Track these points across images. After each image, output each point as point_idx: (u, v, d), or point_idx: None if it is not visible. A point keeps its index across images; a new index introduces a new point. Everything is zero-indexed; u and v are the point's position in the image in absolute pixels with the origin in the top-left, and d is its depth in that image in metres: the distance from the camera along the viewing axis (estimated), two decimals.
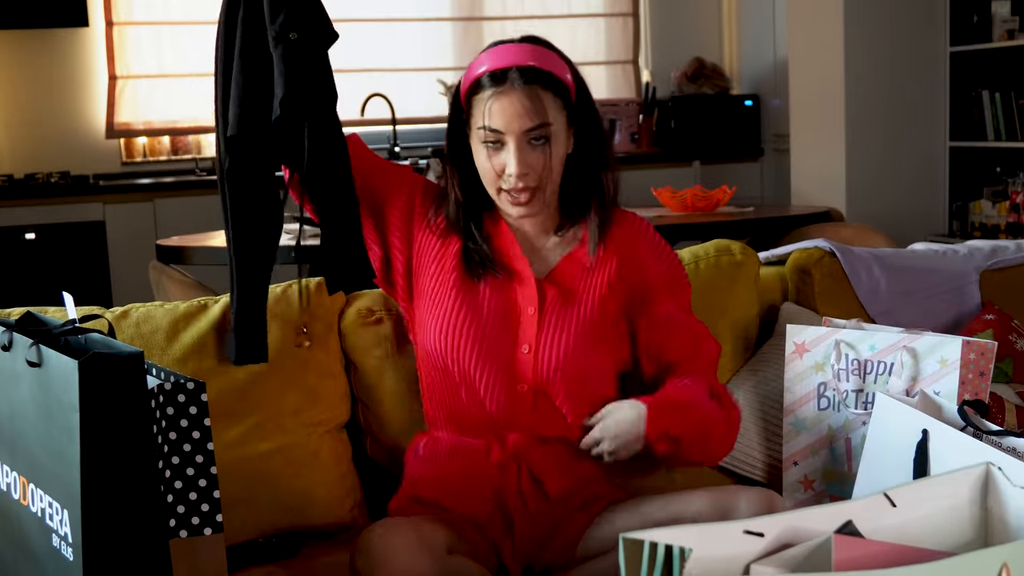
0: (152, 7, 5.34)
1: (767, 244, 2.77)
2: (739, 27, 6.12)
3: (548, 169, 1.64)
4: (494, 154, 1.64)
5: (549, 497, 1.64)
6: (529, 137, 1.62)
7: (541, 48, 1.67)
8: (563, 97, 1.65)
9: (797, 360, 1.88)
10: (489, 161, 1.64)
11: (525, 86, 1.61)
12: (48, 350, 1.27)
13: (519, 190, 1.64)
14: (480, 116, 1.63)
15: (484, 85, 1.63)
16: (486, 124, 1.62)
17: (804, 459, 1.86)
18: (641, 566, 0.87)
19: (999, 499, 1.03)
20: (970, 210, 5.10)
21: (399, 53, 5.64)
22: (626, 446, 1.59)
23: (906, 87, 5.02)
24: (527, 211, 1.66)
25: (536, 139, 1.62)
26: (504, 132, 1.62)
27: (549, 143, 1.63)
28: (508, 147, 1.62)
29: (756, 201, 5.34)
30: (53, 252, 4.87)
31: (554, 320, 1.66)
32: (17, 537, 1.36)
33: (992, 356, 1.75)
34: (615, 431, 1.59)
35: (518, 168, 1.62)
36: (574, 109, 1.67)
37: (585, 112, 1.69)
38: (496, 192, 1.67)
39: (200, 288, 2.96)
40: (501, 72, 1.62)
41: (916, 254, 2.25)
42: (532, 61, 1.63)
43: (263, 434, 1.75)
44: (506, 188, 1.65)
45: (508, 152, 1.62)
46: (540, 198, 1.66)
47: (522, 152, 1.62)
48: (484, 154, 1.65)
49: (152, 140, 5.47)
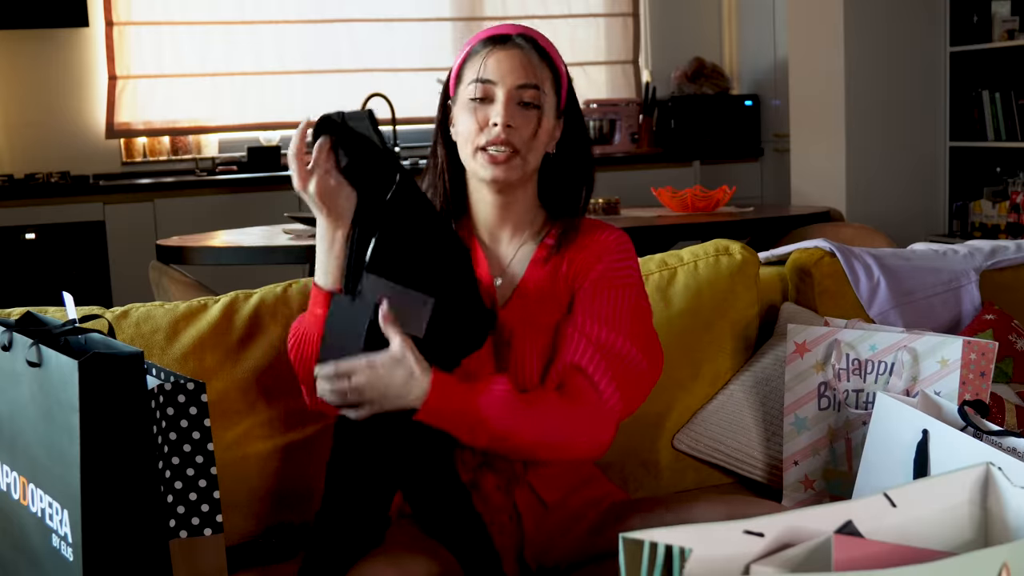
0: (152, 7, 5.35)
1: (767, 244, 2.77)
2: (739, 27, 6.12)
3: (532, 136, 1.57)
4: (480, 108, 1.57)
5: (547, 505, 1.63)
6: (521, 96, 1.57)
7: (540, 34, 1.66)
8: (556, 83, 1.62)
9: (797, 360, 1.88)
10: (473, 115, 1.57)
11: (527, 44, 1.59)
12: (48, 350, 1.27)
13: (500, 142, 1.55)
14: (473, 72, 1.58)
15: (480, 48, 1.60)
16: (479, 75, 1.57)
17: (804, 459, 1.86)
18: (641, 566, 0.87)
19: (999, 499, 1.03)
20: (970, 210, 5.10)
21: (399, 53, 5.64)
22: (373, 406, 1.39)
23: (906, 87, 5.02)
24: (502, 172, 1.57)
25: (527, 102, 1.57)
26: (496, 83, 1.56)
27: (539, 112, 1.58)
28: (497, 101, 1.56)
29: (756, 201, 5.34)
30: (53, 252, 4.88)
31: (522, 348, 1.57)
32: (17, 537, 1.36)
33: (993, 356, 1.75)
34: (377, 391, 1.39)
35: (505, 118, 1.55)
36: (563, 110, 1.64)
37: (573, 115, 1.65)
38: (473, 152, 1.58)
39: (200, 288, 2.96)
40: (501, 36, 1.60)
41: (916, 254, 2.25)
42: (536, 36, 1.62)
43: (263, 434, 1.75)
44: (485, 143, 1.56)
45: (496, 106, 1.56)
46: (518, 166, 1.58)
47: (511, 106, 1.56)
48: (469, 111, 1.58)
49: (152, 140, 5.48)
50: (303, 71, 5.59)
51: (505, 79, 1.57)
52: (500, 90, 1.57)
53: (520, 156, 1.58)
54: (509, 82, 1.57)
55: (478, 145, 1.58)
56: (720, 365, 2.02)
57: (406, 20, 5.69)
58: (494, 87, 1.57)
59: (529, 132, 1.58)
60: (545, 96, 1.59)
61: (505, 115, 1.56)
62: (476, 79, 1.58)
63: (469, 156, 1.60)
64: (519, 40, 1.60)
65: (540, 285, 1.63)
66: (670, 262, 2.03)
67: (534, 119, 1.58)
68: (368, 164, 1.45)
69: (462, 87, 1.61)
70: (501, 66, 1.57)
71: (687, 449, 1.97)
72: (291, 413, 1.77)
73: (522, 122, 1.57)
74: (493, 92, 1.58)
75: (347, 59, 5.66)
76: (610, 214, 3.78)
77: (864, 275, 2.14)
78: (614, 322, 1.58)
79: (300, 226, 3.66)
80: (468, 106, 1.59)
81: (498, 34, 1.61)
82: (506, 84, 1.57)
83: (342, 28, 5.65)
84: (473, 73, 1.59)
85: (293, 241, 3.40)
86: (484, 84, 1.57)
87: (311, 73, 5.60)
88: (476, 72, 1.58)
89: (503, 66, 1.57)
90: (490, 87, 1.57)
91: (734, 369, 2.03)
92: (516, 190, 1.63)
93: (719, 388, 2.01)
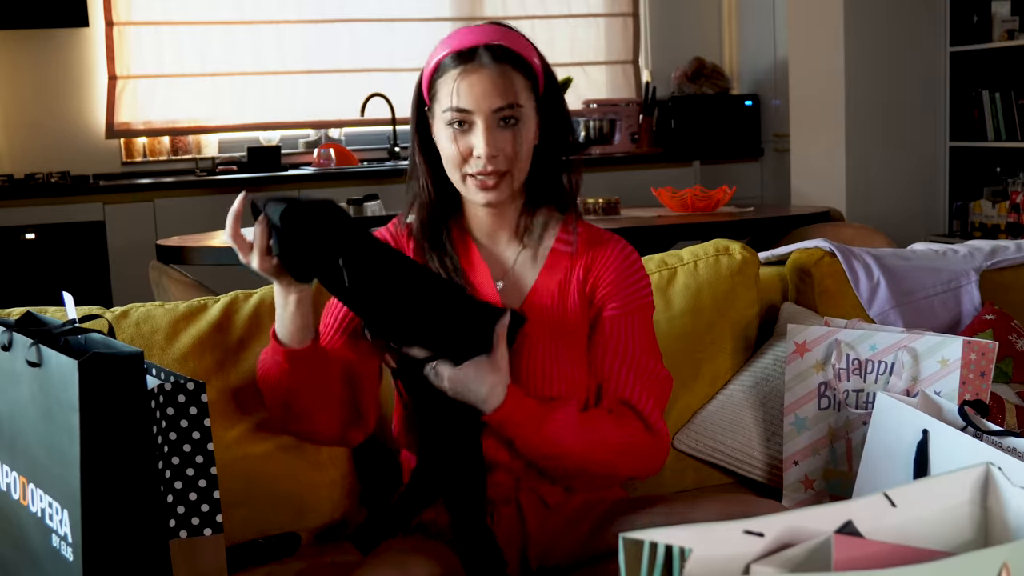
0: (152, 7, 5.35)
1: (767, 244, 2.77)
2: (739, 27, 6.12)
3: (517, 153, 1.56)
4: (460, 136, 1.54)
5: (548, 505, 1.63)
6: (499, 117, 1.53)
7: (507, 29, 1.61)
8: (532, 80, 1.58)
9: (797, 360, 1.88)
10: (455, 144, 1.54)
11: (494, 63, 1.53)
12: (48, 350, 1.26)
13: (488, 173, 1.54)
14: (447, 97, 1.54)
15: (449, 65, 1.54)
16: (453, 104, 1.53)
17: (804, 459, 1.86)
18: (641, 566, 0.87)
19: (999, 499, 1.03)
20: (970, 210, 5.10)
21: (399, 53, 5.64)
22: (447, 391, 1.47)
23: (906, 87, 5.02)
24: (495, 196, 1.57)
25: (505, 120, 1.54)
26: (473, 111, 1.53)
27: (519, 125, 1.56)
28: (476, 128, 1.53)
29: (756, 201, 5.34)
30: (53, 252, 4.88)
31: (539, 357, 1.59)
32: (17, 537, 1.36)
33: (993, 356, 1.75)
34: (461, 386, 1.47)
35: (488, 149, 1.52)
36: (542, 99, 1.60)
37: (553, 102, 1.62)
38: (461, 178, 1.57)
39: (200, 288, 2.96)
40: (468, 51, 1.55)
41: (916, 254, 2.25)
42: (500, 40, 1.57)
43: (263, 434, 1.75)
44: (473, 172, 1.55)
45: (476, 133, 1.53)
46: (508, 184, 1.57)
47: (491, 133, 1.53)
48: (449, 137, 1.55)
49: (152, 140, 5.48)
50: (303, 71, 5.59)
51: (480, 105, 1.53)
52: (478, 118, 1.54)
53: (509, 174, 1.56)
54: (485, 108, 1.53)
55: (466, 172, 1.56)
56: (720, 365, 2.02)
57: (406, 20, 5.69)
58: (471, 115, 1.54)
59: (512, 150, 1.55)
60: (523, 106, 1.56)
61: (488, 147, 1.53)
62: (451, 107, 1.54)
63: (458, 180, 1.58)
64: (486, 58, 1.54)
65: (554, 292, 1.63)
66: (670, 262, 2.03)
67: (515, 135, 1.55)
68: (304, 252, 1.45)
69: (437, 105, 1.57)
70: (474, 91, 1.53)
71: (687, 449, 1.97)
72: None
73: (504, 142, 1.55)
74: (471, 120, 1.54)
75: (347, 59, 5.66)
76: (610, 214, 3.77)
77: (864, 275, 2.14)
78: (646, 345, 1.63)
79: None
80: (446, 131, 1.56)
81: (464, 49, 1.55)
82: (482, 111, 1.53)
83: (342, 28, 5.65)
84: (447, 97, 1.54)
85: None
86: (460, 113, 1.54)
87: (311, 73, 5.60)
88: (450, 97, 1.54)
89: (476, 91, 1.53)
90: (467, 116, 1.54)
91: (734, 369, 2.03)
92: (509, 198, 1.62)
93: (719, 388, 2.01)
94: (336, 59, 5.64)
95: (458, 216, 1.66)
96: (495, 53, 1.55)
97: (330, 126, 5.69)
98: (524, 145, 1.57)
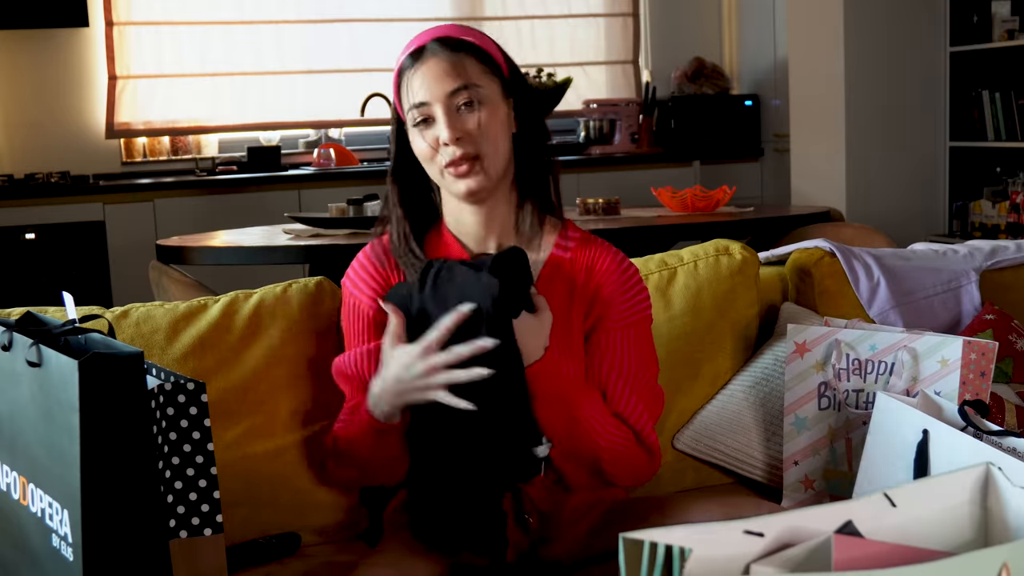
0: (152, 7, 5.35)
1: (767, 244, 2.77)
2: (739, 27, 6.12)
3: (484, 134, 1.55)
4: (426, 130, 1.55)
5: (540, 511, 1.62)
6: (456, 102, 1.54)
7: (461, 26, 1.63)
8: (490, 65, 1.58)
9: (797, 360, 1.88)
10: (423, 139, 1.56)
11: (443, 51, 1.55)
12: (48, 350, 1.26)
13: (458, 159, 1.54)
14: (406, 98, 1.56)
15: (406, 66, 1.57)
16: (412, 101, 1.55)
17: (804, 459, 1.86)
18: (641, 566, 0.87)
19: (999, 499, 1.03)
20: (970, 210, 5.10)
21: (399, 53, 5.63)
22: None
23: (906, 87, 5.02)
24: (474, 183, 1.55)
25: (465, 104, 1.55)
26: (430, 102, 1.54)
27: (481, 106, 1.54)
28: (437, 117, 1.54)
29: (756, 201, 5.34)
30: (53, 252, 4.88)
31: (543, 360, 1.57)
32: (17, 537, 1.36)
33: (993, 356, 1.75)
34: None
35: (449, 132, 1.52)
36: (508, 83, 1.60)
37: (521, 88, 1.62)
38: (439, 173, 1.57)
39: (200, 288, 2.96)
40: (418, 49, 1.57)
41: (916, 254, 2.25)
42: (449, 33, 1.58)
43: (263, 434, 1.75)
44: (444, 162, 1.55)
45: (438, 123, 1.54)
46: (483, 169, 1.55)
47: (451, 116, 1.53)
48: (418, 136, 1.56)
49: (152, 140, 5.48)
50: (303, 71, 5.60)
51: (434, 92, 1.54)
52: (436, 107, 1.55)
53: (481, 158, 1.55)
54: (439, 93, 1.54)
55: (440, 165, 1.57)
56: (720, 365, 2.02)
57: (406, 20, 5.69)
58: (429, 107, 1.55)
59: (477, 131, 1.54)
60: (482, 88, 1.56)
61: (449, 131, 1.53)
62: (412, 105, 1.56)
63: (438, 177, 1.59)
64: (433, 47, 1.56)
65: (556, 299, 1.62)
66: (670, 262, 2.03)
67: (478, 117, 1.55)
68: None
69: (406, 112, 1.59)
70: (426, 82, 1.55)
71: (687, 449, 1.97)
72: (291, 413, 1.77)
73: (467, 124, 1.55)
74: (431, 111, 1.55)
75: (347, 59, 5.66)
76: (610, 214, 3.77)
77: (864, 275, 2.14)
78: (644, 359, 1.66)
79: (300, 226, 3.66)
80: (415, 132, 1.58)
81: (415, 48, 1.58)
82: (437, 97, 1.54)
83: (342, 28, 5.65)
84: (406, 98, 1.57)
85: (293, 241, 3.40)
86: (419, 108, 1.55)
87: (311, 73, 5.61)
88: (408, 97, 1.56)
89: (427, 81, 1.55)
90: (426, 108, 1.55)
91: (734, 369, 2.03)
92: (496, 194, 1.61)
93: (719, 388, 2.01)
94: (336, 59, 5.64)
95: (438, 225, 1.66)
96: (444, 42, 1.57)
97: (330, 126, 5.69)
98: (492, 126, 1.56)
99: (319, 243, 3.29)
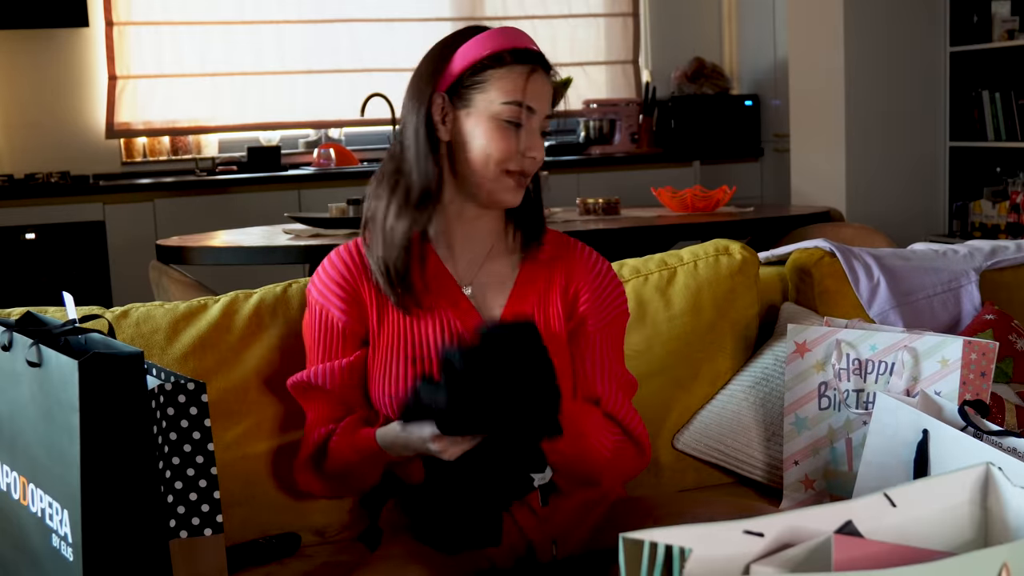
0: (152, 7, 5.35)
1: (767, 244, 2.77)
2: (739, 27, 6.12)
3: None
4: (513, 131, 1.53)
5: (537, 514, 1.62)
6: (545, 125, 1.57)
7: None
8: None
9: (797, 360, 1.88)
10: (506, 140, 1.52)
11: (548, 75, 1.57)
12: (48, 350, 1.26)
13: (526, 173, 1.56)
14: (505, 88, 1.52)
15: (511, 61, 1.53)
16: (523, 100, 1.52)
17: (804, 459, 1.86)
18: (641, 566, 0.87)
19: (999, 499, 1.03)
20: (970, 210, 5.10)
21: (399, 53, 5.64)
22: None
23: (906, 87, 5.02)
24: (520, 198, 1.58)
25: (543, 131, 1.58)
26: (537, 112, 1.54)
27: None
28: (528, 128, 1.53)
29: (756, 201, 5.34)
30: (53, 252, 4.88)
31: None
32: (17, 537, 1.36)
33: (993, 356, 1.75)
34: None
35: (540, 151, 1.55)
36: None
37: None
38: (500, 173, 1.54)
39: (200, 288, 2.96)
40: (533, 53, 1.56)
41: (916, 254, 2.25)
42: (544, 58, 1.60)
43: (263, 434, 1.75)
44: (517, 169, 1.54)
45: (529, 133, 1.53)
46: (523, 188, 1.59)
47: (540, 136, 1.56)
48: (499, 132, 1.52)
49: (152, 140, 5.48)
50: (303, 71, 5.60)
51: (543, 109, 1.55)
52: (535, 118, 1.54)
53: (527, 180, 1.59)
54: (543, 111, 1.55)
55: (507, 168, 1.54)
56: (720, 365, 2.02)
57: (406, 20, 5.69)
58: (533, 116, 1.54)
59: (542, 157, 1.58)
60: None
61: (539, 150, 1.55)
62: (515, 101, 1.52)
63: (495, 175, 1.54)
64: (544, 65, 1.57)
65: (534, 300, 1.62)
66: (670, 262, 2.03)
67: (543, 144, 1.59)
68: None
69: (480, 96, 1.53)
70: (539, 92, 1.54)
71: (687, 449, 1.97)
72: (291, 413, 1.77)
73: (543, 149, 1.58)
74: (531, 120, 1.54)
75: (347, 59, 5.66)
76: (610, 214, 3.77)
77: (864, 275, 2.14)
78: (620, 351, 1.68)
79: (300, 226, 3.66)
80: (492, 123, 1.53)
81: (532, 51, 1.56)
82: (542, 114, 1.55)
83: (342, 28, 5.65)
84: (506, 90, 1.52)
85: (293, 241, 3.40)
86: (523, 109, 1.53)
87: (311, 73, 5.61)
88: (512, 92, 1.52)
89: (540, 93, 1.54)
90: (529, 115, 1.54)
91: (734, 369, 2.03)
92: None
93: (719, 388, 2.01)
94: (336, 59, 5.64)
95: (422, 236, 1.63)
96: (546, 63, 1.58)
97: (330, 126, 5.69)
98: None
99: (319, 243, 3.29)
